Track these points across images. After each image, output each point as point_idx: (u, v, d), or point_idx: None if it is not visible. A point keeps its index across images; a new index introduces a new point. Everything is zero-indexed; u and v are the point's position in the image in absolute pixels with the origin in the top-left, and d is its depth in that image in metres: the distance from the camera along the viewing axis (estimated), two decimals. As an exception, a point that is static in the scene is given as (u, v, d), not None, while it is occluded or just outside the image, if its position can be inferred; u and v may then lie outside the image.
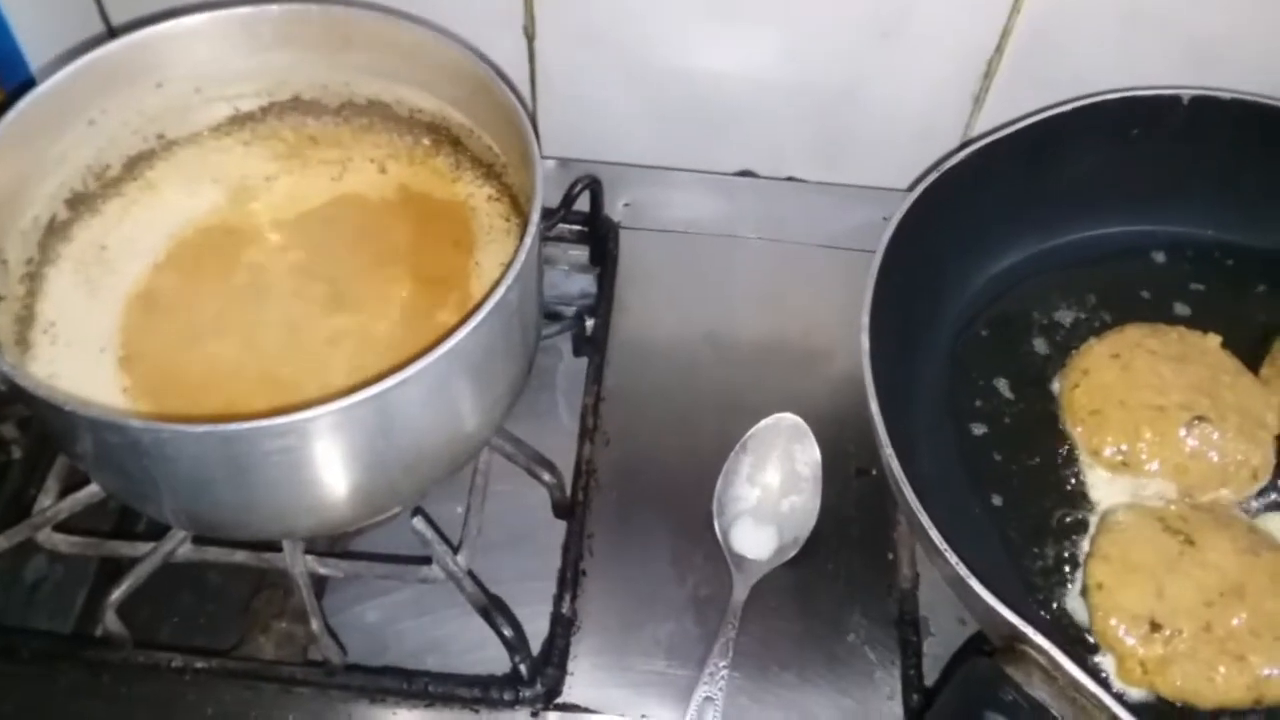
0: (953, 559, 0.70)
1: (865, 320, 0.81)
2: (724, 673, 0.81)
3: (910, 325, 0.89)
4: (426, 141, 0.90)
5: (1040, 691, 0.64)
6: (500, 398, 0.78)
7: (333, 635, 0.77)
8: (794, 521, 0.88)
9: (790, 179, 1.12)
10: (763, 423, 0.91)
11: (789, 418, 0.90)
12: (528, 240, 0.70)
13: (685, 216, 1.09)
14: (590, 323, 0.99)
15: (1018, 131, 0.90)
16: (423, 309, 0.80)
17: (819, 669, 0.82)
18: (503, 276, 0.68)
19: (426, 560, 0.80)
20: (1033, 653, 0.66)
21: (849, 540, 0.88)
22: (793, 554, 0.86)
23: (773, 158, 1.11)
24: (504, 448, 0.85)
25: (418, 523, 0.77)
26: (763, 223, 1.09)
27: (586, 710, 0.80)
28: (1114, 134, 0.94)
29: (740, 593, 0.85)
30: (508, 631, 0.75)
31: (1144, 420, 0.84)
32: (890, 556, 0.86)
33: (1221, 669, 0.73)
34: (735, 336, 1.01)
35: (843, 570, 0.87)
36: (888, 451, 0.74)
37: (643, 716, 0.80)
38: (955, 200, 0.90)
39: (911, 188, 0.87)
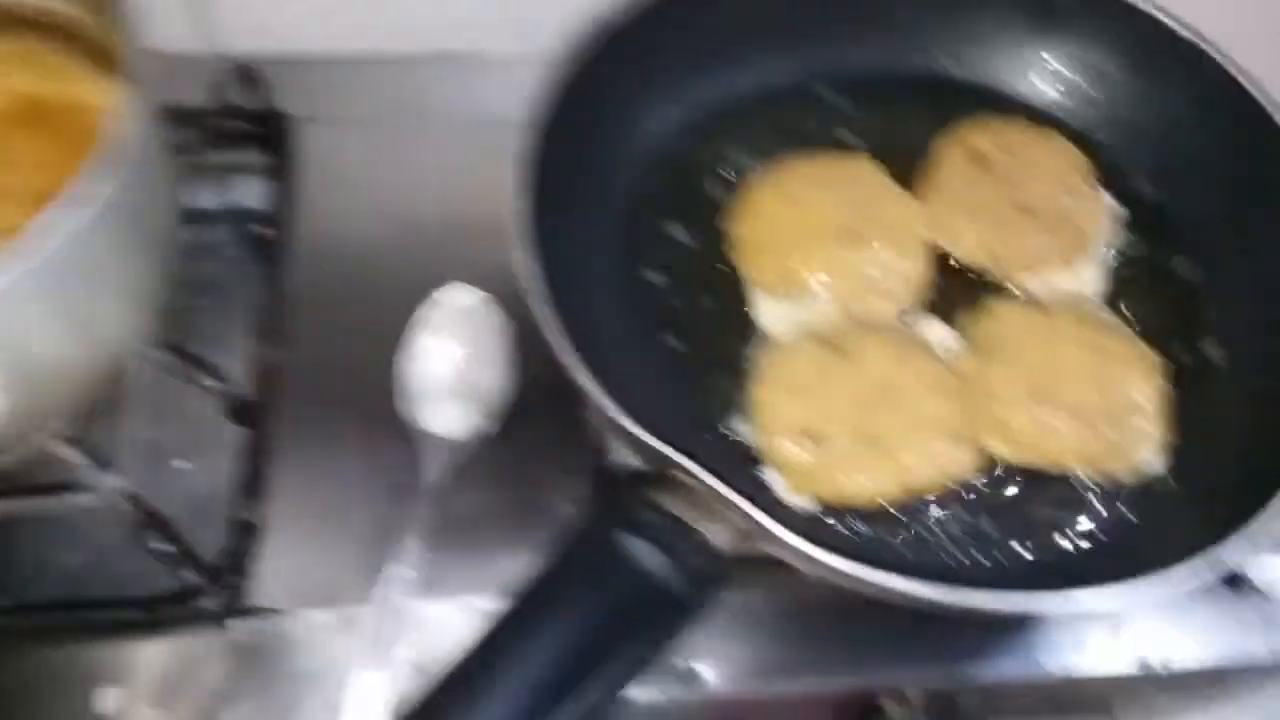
0: (600, 398, 0.70)
1: (516, 183, 0.79)
2: (414, 551, 0.80)
3: (578, 180, 0.88)
4: (46, 42, 0.82)
5: (675, 506, 0.66)
6: (132, 306, 0.74)
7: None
8: (488, 395, 0.88)
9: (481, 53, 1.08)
10: (436, 295, 0.89)
11: (465, 289, 0.89)
12: (130, 126, 0.65)
13: (373, 104, 1.05)
14: (266, 227, 0.95)
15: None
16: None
17: (529, 544, 0.81)
18: (88, 170, 0.63)
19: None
20: (684, 478, 0.68)
21: (554, 410, 0.88)
22: (491, 428, 0.86)
23: (462, 32, 1.07)
24: (160, 359, 0.81)
25: (55, 445, 0.73)
26: (453, 102, 1.06)
27: (276, 611, 0.78)
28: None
29: (433, 472, 0.84)
30: (166, 547, 0.73)
31: (801, 245, 0.86)
32: (593, 422, 0.87)
33: (869, 465, 0.77)
34: (429, 223, 0.99)
35: (548, 440, 0.88)
36: (539, 301, 0.74)
37: (336, 615, 0.79)
38: (614, 52, 0.89)
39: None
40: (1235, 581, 0.85)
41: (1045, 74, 1.00)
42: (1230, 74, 0.89)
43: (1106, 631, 0.84)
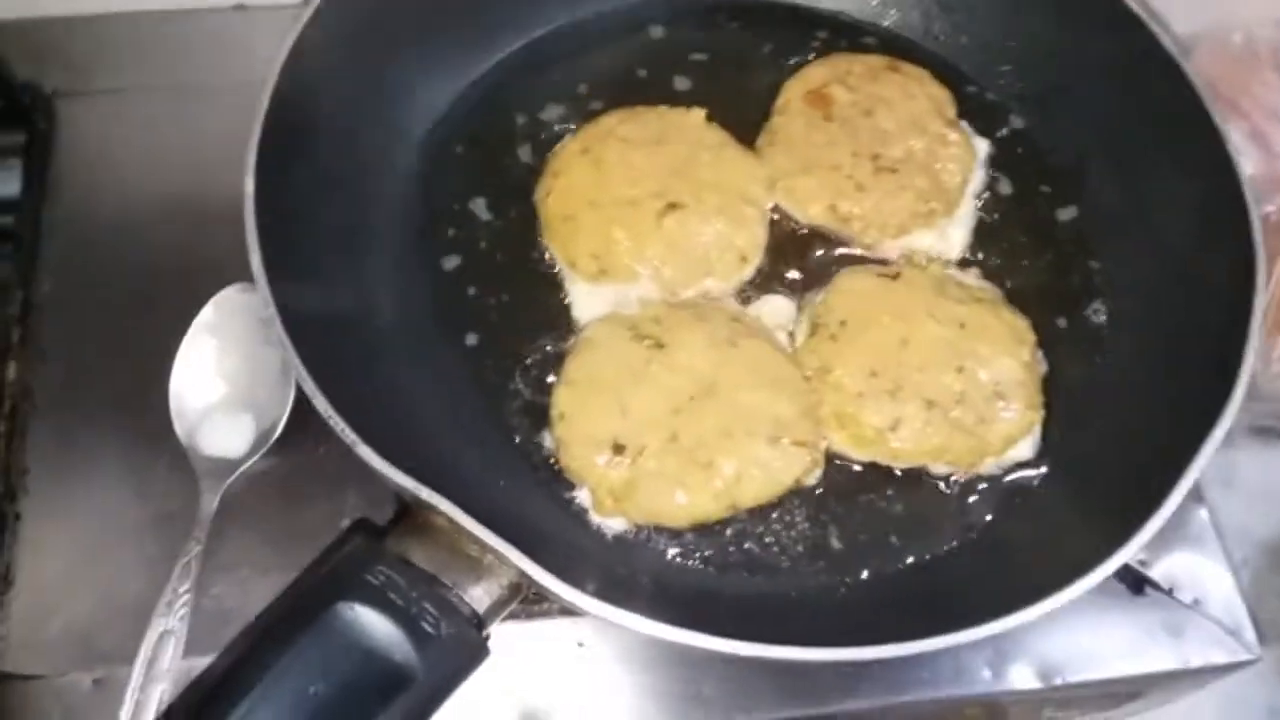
0: (338, 423, 0.58)
1: (251, 159, 0.66)
2: (186, 599, 0.69)
3: (352, 155, 0.75)
4: None
5: (431, 560, 0.55)
6: None
7: None
8: (269, 405, 0.76)
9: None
10: (216, 298, 0.77)
11: (247, 290, 0.76)
12: None
13: (140, 71, 0.91)
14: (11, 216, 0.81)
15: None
16: None
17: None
18: None
19: None
20: (435, 515, 0.56)
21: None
22: (270, 442, 0.74)
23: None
24: None
25: None
26: (234, 64, 0.92)
27: (23, 677, 0.67)
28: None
29: (208, 502, 0.73)
30: None
31: (615, 219, 0.74)
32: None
33: (686, 480, 0.65)
34: (209, 209, 0.85)
35: (333, 451, 0.76)
36: (269, 308, 0.62)
37: (94, 679, 0.68)
38: (376, 8, 0.75)
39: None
40: (1139, 585, 0.74)
41: (901, -4, 0.86)
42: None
43: (995, 651, 0.73)
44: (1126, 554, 0.59)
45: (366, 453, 0.57)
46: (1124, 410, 0.71)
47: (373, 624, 0.51)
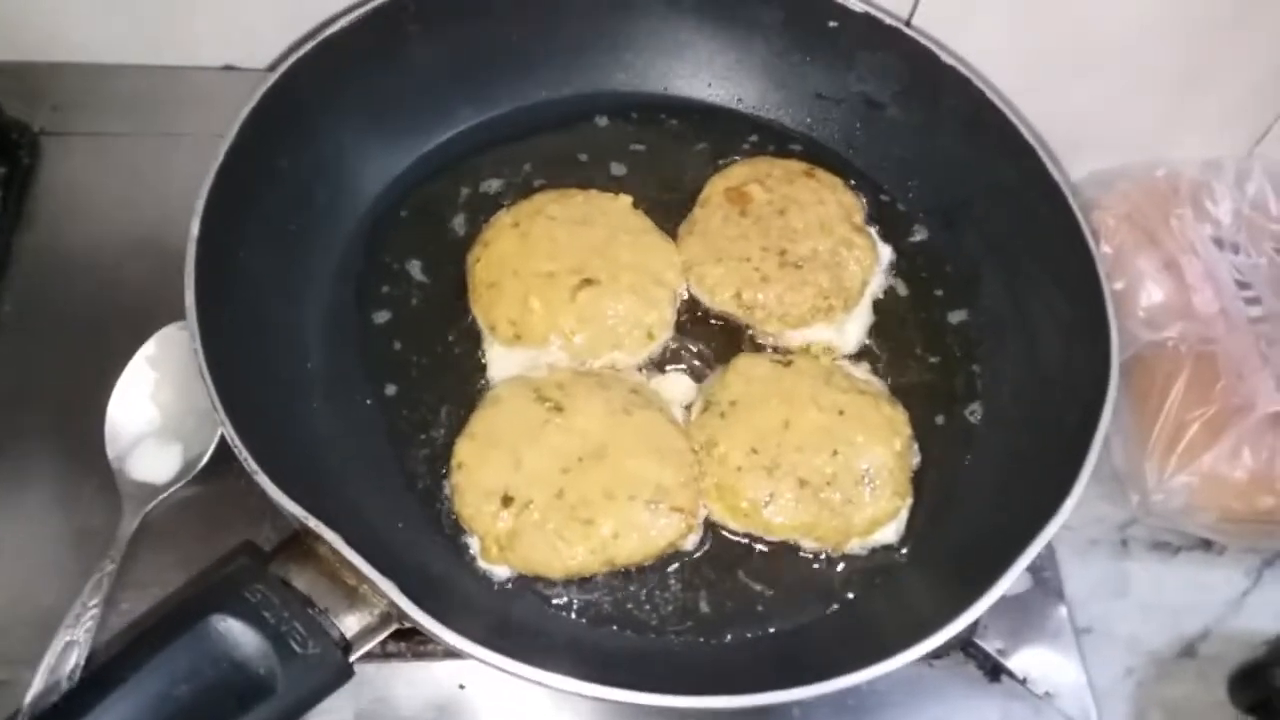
0: (241, 451, 0.63)
1: (199, 205, 0.73)
2: (94, 612, 0.72)
3: (302, 209, 0.82)
4: None
5: (309, 584, 0.59)
6: None
7: None
8: (198, 436, 0.81)
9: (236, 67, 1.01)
10: (160, 333, 0.83)
11: (185, 327, 0.82)
12: None
13: (122, 119, 0.98)
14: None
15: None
16: None
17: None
18: None
19: None
20: (320, 544, 0.61)
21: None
22: (194, 471, 0.79)
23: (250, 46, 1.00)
24: None
25: None
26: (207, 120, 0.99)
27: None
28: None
29: (128, 523, 0.77)
30: None
31: (533, 288, 0.80)
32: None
33: (567, 535, 0.70)
34: (166, 247, 0.91)
35: (254, 484, 0.80)
36: (194, 341, 0.67)
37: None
38: (341, 78, 0.83)
39: (272, 67, 0.79)
40: (996, 673, 0.78)
41: (823, 107, 0.94)
42: (999, 109, 0.84)
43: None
44: (963, 623, 0.64)
45: (263, 480, 0.63)
46: (985, 503, 0.76)
47: (242, 637, 0.55)
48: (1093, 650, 0.82)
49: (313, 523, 0.60)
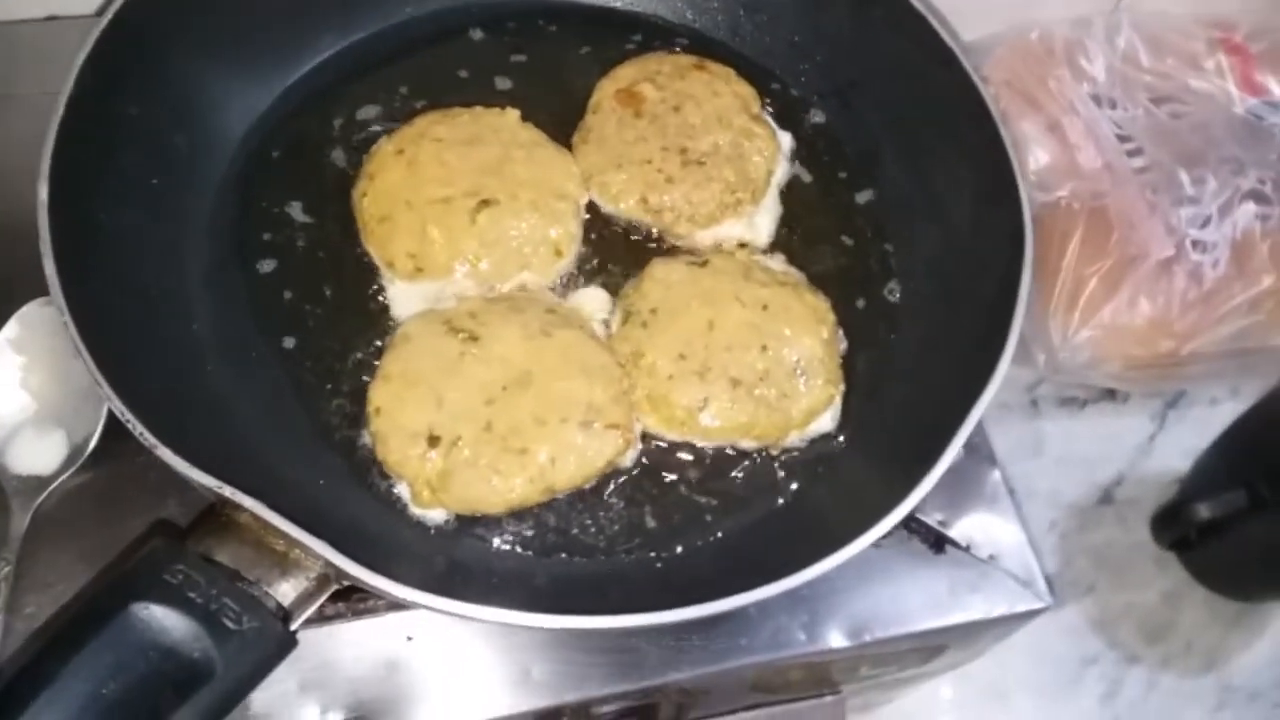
0: (135, 426, 0.58)
1: (44, 166, 0.66)
2: (-3, 622, 0.67)
3: (160, 160, 0.75)
4: None
5: (234, 557, 0.55)
6: None
7: None
8: (81, 418, 0.74)
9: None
10: (19, 313, 0.76)
11: (49, 304, 0.74)
12: None
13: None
14: None
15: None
16: None
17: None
18: None
19: None
20: (241, 513, 0.57)
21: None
22: (83, 457, 0.73)
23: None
24: None
25: None
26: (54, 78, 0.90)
27: None
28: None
29: (19, 521, 0.71)
30: None
31: (430, 217, 0.75)
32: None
33: (501, 468, 0.67)
34: (6, 220, 0.83)
35: (153, 461, 0.75)
36: (64, 316, 0.61)
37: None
38: (183, 11, 0.75)
39: (100, 11, 0.72)
40: (940, 544, 0.79)
41: (708, -1, 0.90)
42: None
43: (809, 614, 0.76)
44: (910, 503, 0.64)
45: (165, 453, 0.58)
46: (914, 380, 0.76)
47: (169, 622, 0.51)
48: (1017, 509, 0.84)
49: (228, 491, 0.56)
